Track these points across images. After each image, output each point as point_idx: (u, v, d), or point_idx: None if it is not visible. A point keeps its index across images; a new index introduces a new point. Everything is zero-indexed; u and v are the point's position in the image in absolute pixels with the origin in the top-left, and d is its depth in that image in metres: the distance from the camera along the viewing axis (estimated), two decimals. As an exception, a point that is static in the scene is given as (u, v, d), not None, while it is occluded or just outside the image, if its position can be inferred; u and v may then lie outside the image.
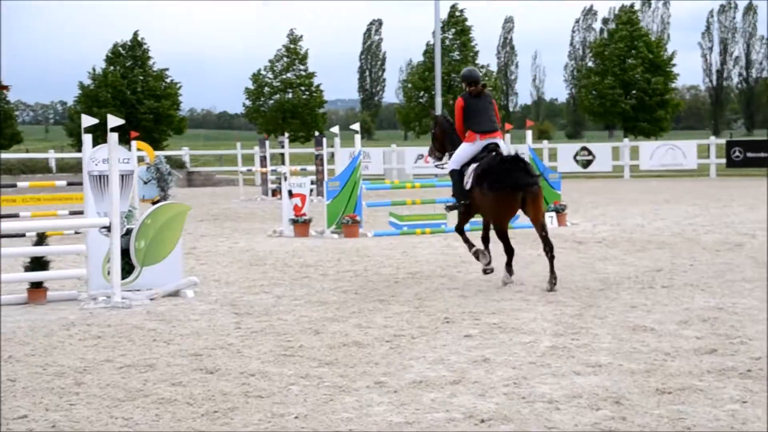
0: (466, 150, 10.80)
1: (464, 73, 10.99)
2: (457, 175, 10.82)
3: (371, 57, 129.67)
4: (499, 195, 10.11)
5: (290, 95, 63.65)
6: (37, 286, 9.62)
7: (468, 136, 10.83)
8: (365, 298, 9.64)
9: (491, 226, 10.74)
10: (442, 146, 11.44)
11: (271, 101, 63.72)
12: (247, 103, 64.78)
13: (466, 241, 11.15)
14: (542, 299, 9.27)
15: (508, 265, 10.51)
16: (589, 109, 65.35)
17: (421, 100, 64.89)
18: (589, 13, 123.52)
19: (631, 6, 72.04)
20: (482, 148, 10.67)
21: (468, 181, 10.60)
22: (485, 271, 10.73)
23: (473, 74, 10.97)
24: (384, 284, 10.59)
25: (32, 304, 9.49)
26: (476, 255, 10.87)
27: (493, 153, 10.52)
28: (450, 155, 11.06)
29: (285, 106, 62.71)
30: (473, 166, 10.58)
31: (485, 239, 11.01)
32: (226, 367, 6.67)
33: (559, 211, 17.26)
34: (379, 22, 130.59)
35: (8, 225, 10.82)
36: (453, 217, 17.17)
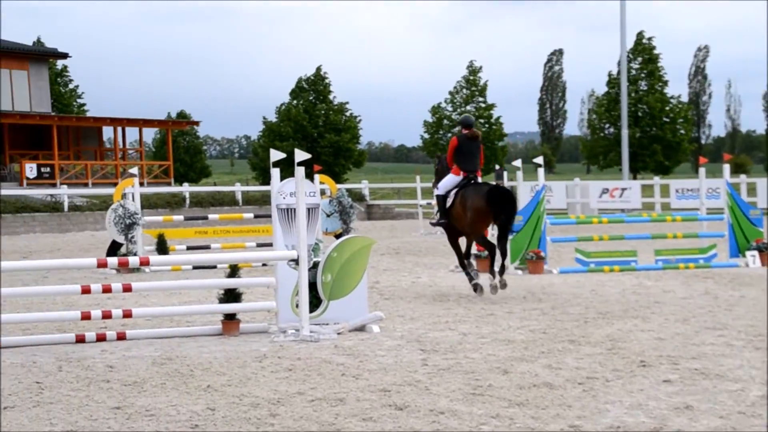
0: (451, 180, 13.52)
1: (461, 119, 13.68)
2: (441, 199, 13.57)
3: (552, 88, 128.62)
4: (477, 210, 12.84)
5: (469, 128, 63.84)
6: (230, 318, 10.00)
7: (455, 170, 13.46)
8: (554, 337, 9.52)
9: (473, 243, 13.58)
10: (441, 180, 13.97)
11: (450, 134, 64.08)
12: (426, 136, 65.37)
13: (469, 267, 13.53)
14: (748, 345, 8.88)
15: (492, 269, 12.93)
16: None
17: (606, 132, 63.70)
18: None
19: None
20: (463, 179, 13.34)
21: (449, 201, 13.38)
22: (475, 288, 13.23)
23: (468, 120, 13.60)
24: (573, 324, 10.44)
25: (226, 336, 9.87)
26: (475, 287, 13.26)
27: (472, 181, 13.28)
28: None
29: (463, 139, 62.99)
30: (455, 190, 13.35)
31: (467, 256, 13.62)
32: (415, 403, 6.73)
33: (763, 249, 16.52)
34: (560, 52, 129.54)
35: (201, 257, 11.42)
36: (643, 254, 16.76)
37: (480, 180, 13.42)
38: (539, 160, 17.01)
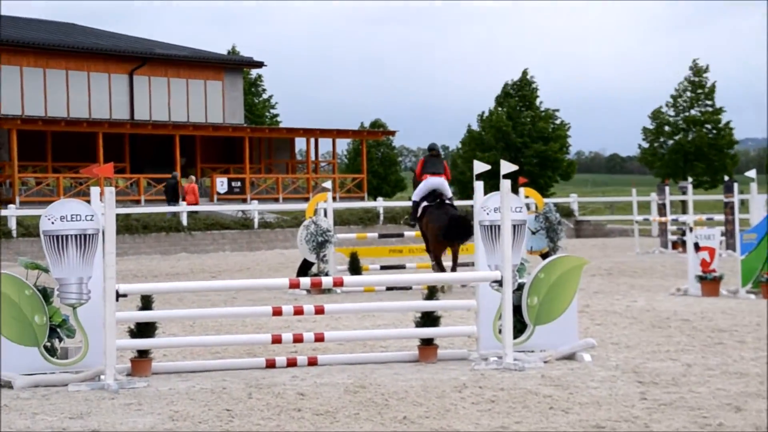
0: (422, 186, 17.79)
1: (429, 146, 18.36)
2: (414, 205, 17.94)
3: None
4: (436, 236, 17.22)
5: (693, 135, 61.98)
6: (427, 343, 10.04)
7: (423, 178, 17.78)
8: (795, 371, 9.09)
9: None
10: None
11: (671, 142, 62.41)
12: (644, 144, 63.92)
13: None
14: None
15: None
16: None
17: None
18: None
19: None
20: (430, 191, 17.64)
21: (419, 211, 17.77)
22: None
23: (434, 146, 18.31)
24: (818, 356, 9.92)
25: (423, 362, 9.92)
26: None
27: (438, 200, 17.57)
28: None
29: (687, 148, 61.13)
30: (424, 203, 17.66)
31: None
32: (633, 443, 6.56)
33: None
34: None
35: (397, 277, 11.57)
36: None
37: (445, 187, 17.75)
38: (777, 170, 16.31)
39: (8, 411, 7.93)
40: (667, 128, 62.84)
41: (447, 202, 17.68)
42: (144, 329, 9.49)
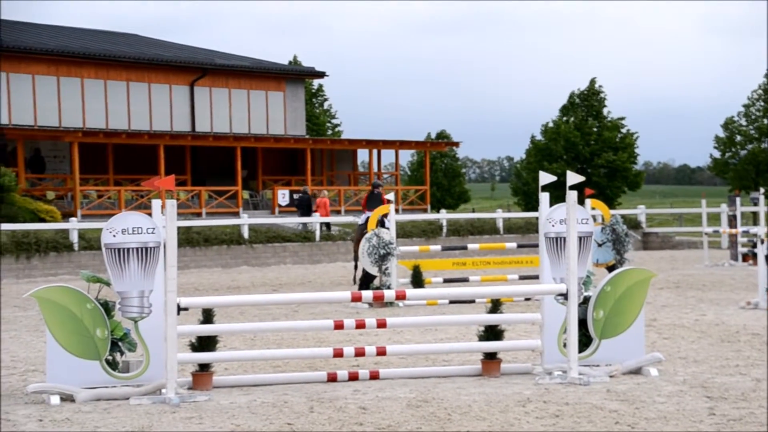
0: (363, 217, 21.47)
1: (373, 183, 23.29)
2: (359, 226, 21.52)
3: None
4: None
5: (766, 144, 61.07)
6: (491, 357, 10.05)
7: (366, 212, 21.49)
8: None
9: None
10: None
11: (744, 152, 61.55)
12: (716, 154, 63.11)
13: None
14: None
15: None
16: None
17: None
18: None
19: None
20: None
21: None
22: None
23: (376, 183, 23.09)
24: None
25: (486, 376, 9.93)
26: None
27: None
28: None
29: (759, 158, 60.24)
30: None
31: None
32: (701, 460, 6.52)
33: None
34: None
35: (460, 290, 11.59)
36: None
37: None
38: None
39: (70, 425, 8.10)
40: (739, 138, 62.02)
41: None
42: (205, 343, 9.60)
